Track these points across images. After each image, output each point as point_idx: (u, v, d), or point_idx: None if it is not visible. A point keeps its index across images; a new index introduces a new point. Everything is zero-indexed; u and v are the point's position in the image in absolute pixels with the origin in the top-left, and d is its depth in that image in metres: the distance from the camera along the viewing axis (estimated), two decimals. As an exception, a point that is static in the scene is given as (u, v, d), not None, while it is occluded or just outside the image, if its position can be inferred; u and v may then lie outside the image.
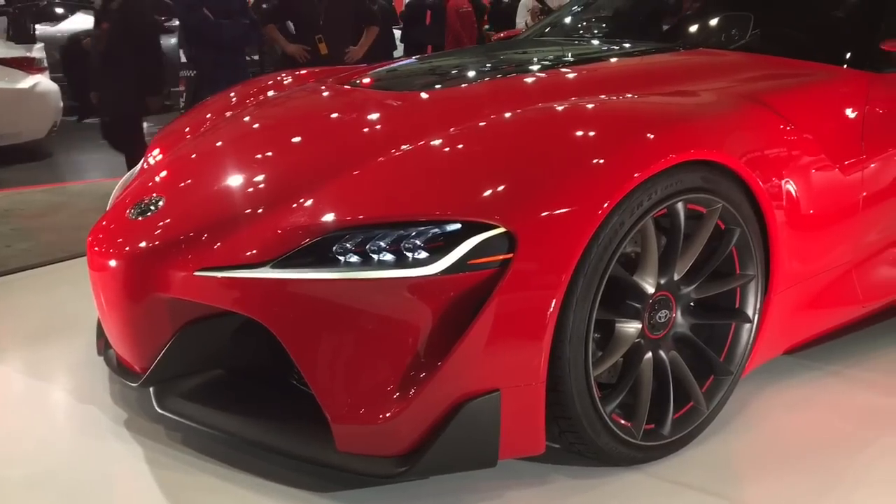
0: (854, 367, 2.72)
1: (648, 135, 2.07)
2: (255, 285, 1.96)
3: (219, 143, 2.65)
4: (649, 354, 2.14)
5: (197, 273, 2.02)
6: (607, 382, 2.15)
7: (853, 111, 2.59)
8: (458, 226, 1.88)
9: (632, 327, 2.11)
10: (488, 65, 3.16)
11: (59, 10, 10.38)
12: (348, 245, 1.92)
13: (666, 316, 2.16)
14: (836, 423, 2.42)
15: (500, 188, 1.95)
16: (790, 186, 2.28)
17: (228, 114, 2.97)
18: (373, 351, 1.91)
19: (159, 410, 2.17)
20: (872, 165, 2.56)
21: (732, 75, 2.64)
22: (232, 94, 3.24)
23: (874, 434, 2.35)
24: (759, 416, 2.43)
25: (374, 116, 2.59)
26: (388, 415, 1.87)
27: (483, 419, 1.90)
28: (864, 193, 2.53)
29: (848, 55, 2.77)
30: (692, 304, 2.25)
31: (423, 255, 1.87)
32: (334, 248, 1.93)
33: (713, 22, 3.30)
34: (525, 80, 2.79)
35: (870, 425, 2.40)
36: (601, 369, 2.07)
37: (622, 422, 2.10)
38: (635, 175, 1.95)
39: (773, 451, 2.28)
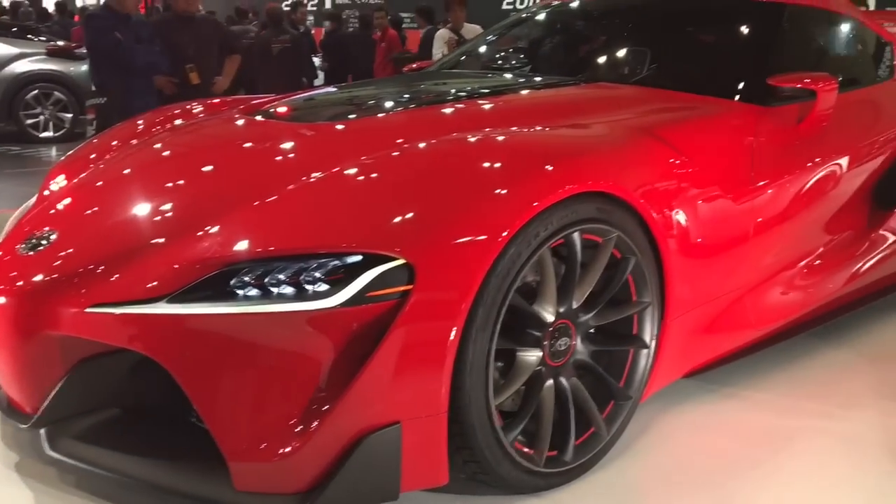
0: (750, 388, 2.82)
1: (547, 167, 2.12)
2: (150, 321, 1.91)
3: (121, 173, 2.59)
4: (550, 382, 2.18)
5: (89, 310, 1.97)
6: (510, 410, 2.18)
7: (743, 143, 2.71)
8: (359, 258, 1.89)
9: (532, 356, 2.14)
10: (403, 95, 3.19)
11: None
12: (246, 278, 1.90)
13: (566, 343, 2.21)
14: (733, 443, 2.50)
15: (401, 219, 1.96)
16: (682, 216, 2.36)
17: (134, 142, 2.92)
18: (272, 386, 1.88)
19: (50, 453, 2.09)
20: (762, 194, 2.67)
21: (628, 109, 2.74)
22: (139, 122, 3.19)
23: (767, 453, 2.44)
24: (659, 439, 2.50)
25: (283, 146, 2.57)
26: (287, 450, 1.85)
27: (384, 452, 1.89)
28: (755, 221, 2.65)
29: (738, 89, 2.91)
30: (591, 331, 2.30)
31: (323, 287, 1.87)
32: (232, 281, 1.90)
33: (612, 56, 3.42)
34: (435, 111, 2.83)
35: (763, 445, 2.49)
36: (502, 398, 2.10)
37: (524, 450, 2.12)
38: (533, 205, 2.00)
39: (674, 472, 2.34)
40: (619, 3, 3.80)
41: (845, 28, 3.61)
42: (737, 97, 2.88)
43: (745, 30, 3.26)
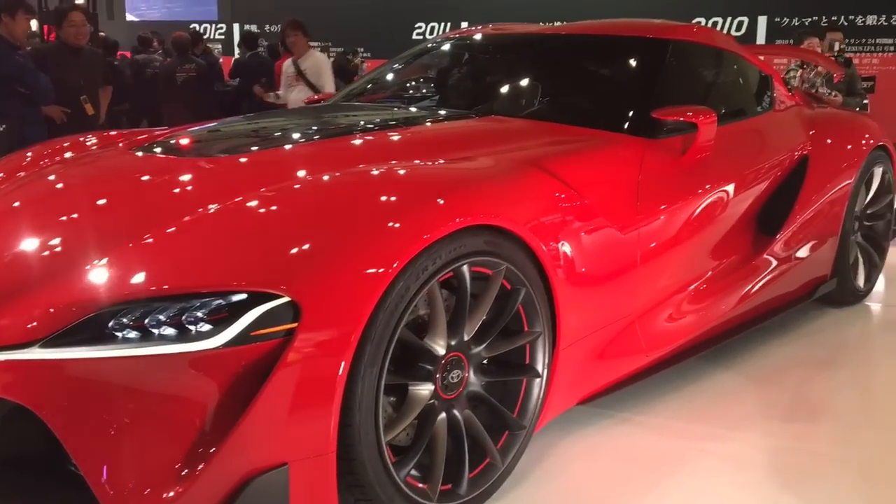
0: (642, 413, 2.89)
1: (438, 200, 2.14)
2: (21, 368, 1.83)
3: (5, 207, 2.49)
4: (443, 415, 2.18)
5: (-43, 356, 1.87)
6: (404, 444, 2.17)
7: (629, 174, 2.80)
8: (244, 296, 1.85)
9: (424, 389, 2.14)
10: (306, 128, 3.18)
11: None
12: (125, 320, 1.84)
13: (458, 376, 2.22)
14: (628, 469, 2.55)
15: (290, 255, 1.94)
16: (570, 247, 2.41)
17: (22, 174, 2.81)
18: (154, 430, 1.82)
19: (-84, 509, 1.97)
20: (648, 223, 2.76)
21: (519, 142, 2.80)
22: (28, 154, 3.08)
23: (659, 477, 2.50)
24: (555, 467, 2.53)
25: (178, 180, 2.52)
26: (171, 495, 1.79)
27: (271, 495, 1.85)
28: (642, 250, 2.73)
29: (625, 123, 3.01)
30: (484, 362, 2.32)
31: (206, 327, 1.82)
32: (111, 323, 1.84)
33: (506, 90, 3.50)
34: (333, 144, 2.83)
35: (655, 468, 2.55)
36: (394, 433, 2.09)
37: (418, 485, 2.11)
38: (422, 239, 2.01)
39: (570, 500, 2.37)
40: (513, 38, 3.90)
41: (728, 62, 3.79)
42: (624, 130, 2.98)
43: (631, 65, 3.39)
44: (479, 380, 2.29)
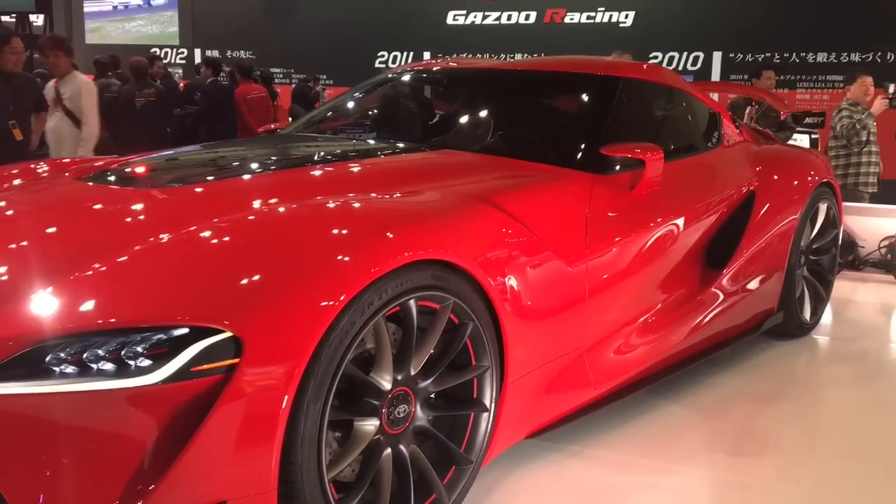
0: (590, 446, 2.90)
1: (387, 234, 2.14)
2: (-46, 403, 1.79)
3: None
4: (388, 450, 2.17)
5: None
6: (349, 480, 2.15)
7: (578, 209, 2.83)
8: (186, 330, 1.83)
9: (370, 425, 2.13)
10: (261, 158, 3.17)
11: None
12: (62, 354, 1.80)
13: (405, 411, 2.21)
14: (575, 503, 2.55)
15: (233, 289, 1.93)
16: (518, 281, 2.43)
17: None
18: (91, 467, 1.78)
19: None
20: (596, 259, 2.80)
21: (468, 176, 2.82)
22: (-26, 181, 3.02)
23: (605, 511, 2.51)
24: (503, 502, 2.52)
25: (129, 210, 2.48)
26: (108, 535, 1.75)
27: (211, 533, 1.82)
28: (590, 284, 2.76)
29: (574, 158, 3.05)
30: (432, 396, 2.31)
31: (146, 363, 1.80)
32: (48, 357, 1.81)
33: (459, 124, 3.53)
34: (288, 175, 2.83)
35: (604, 503, 2.55)
36: (339, 469, 2.07)
37: (362, 522, 2.09)
38: (368, 273, 2.01)
39: (515, 535, 2.37)
40: (469, 72, 3.95)
41: (677, 100, 3.87)
42: (573, 165, 3.02)
43: (583, 101, 3.44)
44: (426, 414, 2.29)
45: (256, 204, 2.43)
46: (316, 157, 3.09)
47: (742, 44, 11.25)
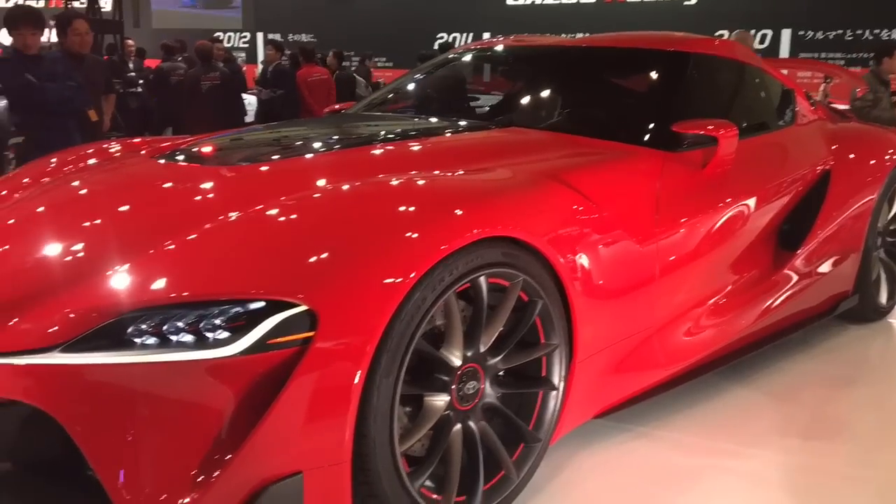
0: (661, 428, 2.87)
1: (456, 211, 2.14)
2: (41, 372, 1.85)
3: (28, 213, 2.52)
4: (458, 426, 2.18)
5: (-22, 360, 1.89)
6: (419, 455, 2.17)
7: (649, 187, 2.79)
8: (262, 304, 1.86)
9: (440, 400, 2.14)
10: (327, 137, 3.20)
11: None
12: (144, 326, 1.85)
13: (474, 387, 2.21)
14: (644, 484, 2.53)
15: (307, 264, 1.95)
16: (588, 260, 2.41)
17: (46, 180, 2.85)
18: (170, 436, 1.83)
19: (-64, 511, 1.99)
20: (667, 237, 2.75)
21: (537, 153, 2.80)
22: (52, 160, 3.12)
23: (674, 493, 2.48)
24: (570, 481, 2.51)
25: (199, 188, 2.54)
26: (186, 501, 1.80)
27: (286, 503, 1.86)
28: (660, 263, 2.71)
29: (645, 136, 3.00)
30: (500, 374, 2.31)
31: (224, 335, 1.84)
32: (130, 329, 1.86)
33: (525, 102, 3.50)
34: (353, 154, 2.84)
35: (671, 484, 2.53)
36: (409, 443, 2.09)
37: (432, 496, 2.11)
38: (438, 250, 2.01)
39: (583, 515, 2.36)
40: (535, 50, 3.90)
41: (749, 76, 3.77)
42: (643, 143, 2.97)
43: (652, 78, 3.38)
44: (494, 391, 2.29)
45: (325, 182, 2.45)
46: (381, 136, 3.10)
47: (812, 21, 10.90)
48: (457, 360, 2.16)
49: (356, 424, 1.90)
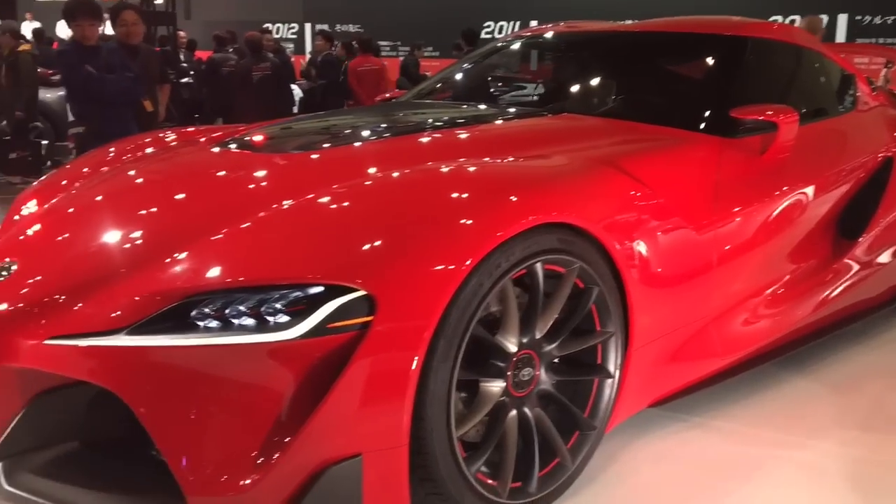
0: (715, 418, 2.83)
1: (511, 197, 2.14)
2: (109, 354, 1.90)
3: (89, 201, 2.59)
4: (514, 412, 2.18)
5: (48, 341, 1.95)
6: (474, 441, 2.18)
7: (706, 174, 2.75)
8: (321, 289, 1.89)
9: (496, 386, 2.14)
10: (376, 125, 3.22)
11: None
12: (207, 310, 1.89)
13: (529, 374, 2.21)
14: (700, 474, 2.50)
15: (365, 250, 1.97)
16: (645, 247, 2.38)
17: (105, 169, 2.92)
18: (232, 418, 1.87)
19: (8, 487, 2.06)
20: (725, 224, 2.71)
21: (592, 140, 2.77)
22: (111, 150, 3.19)
23: (732, 485, 2.45)
24: (625, 470, 2.50)
25: (253, 176, 2.57)
26: (247, 482, 1.83)
27: (345, 485, 1.88)
28: (718, 251, 2.67)
29: (702, 121, 2.95)
30: (555, 361, 2.30)
31: (284, 318, 1.86)
32: (193, 313, 1.89)
33: (579, 88, 3.47)
34: (404, 141, 2.85)
35: (727, 475, 2.50)
36: (465, 428, 2.10)
37: (488, 481, 2.12)
38: (495, 236, 2.01)
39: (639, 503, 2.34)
40: (587, 36, 3.86)
41: (809, 61, 3.69)
42: (700, 129, 2.93)
43: (709, 63, 3.32)
44: (550, 378, 2.28)
45: (378, 169, 2.45)
46: (431, 124, 3.10)
47: (870, 5, 10.60)
48: (512, 347, 2.16)
49: (413, 408, 1.91)
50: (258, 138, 3.04)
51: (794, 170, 3.06)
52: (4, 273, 2.17)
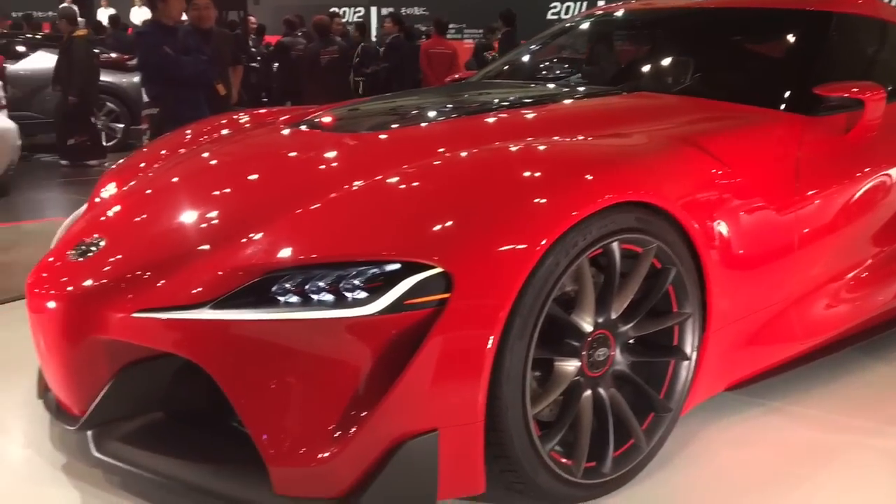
0: (795, 403, 2.77)
1: (587, 176, 2.12)
2: (194, 326, 1.95)
3: (168, 181, 2.65)
4: (588, 392, 2.17)
5: (135, 314, 2.02)
6: (548, 420, 2.17)
7: (787, 153, 2.67)
8: (398, 265, 1.90)
9: (570, 365, 2.13)
10: (446, 105, 3.22)
11: (21, 49, 10.33)
12: (287, 285, 1.92)
13: (605, 354, 2.19)
14: (776, 459, 2.45)
15: (441, 228, 1.97)
16: (724, 227, 2.33)
17: (182, 151, 2.99)
18: (311, 391, 1.91)
19: (97, 455, 2.14)
20: (807, 205, 2.63)
21: (670, 118, 2.72)
22: (187, 132, 3.26)
23: (810, 470, 2.40)
24: (700, 454, 2.46)
25: (326, 156, 2.61)
26: (326, 455, 1.87)
27: (421, 459, 1.90)
28: (800, 233, 2.60)
29: (783, 99, 2.87)
30: (631, 341, 2.28)
31: (362, 295, 1.89)
32: (274, 288, 1.93)
33: (655, 66, 3.40)
34: (477, 120, 2.84)
35: (805, 461, 2.44)
36: (540, 407, 2.09)
37: (562, 460, 2.11)
38: (571, 215, 1.99)
39: (715, 488, 2.31)
40: (662, 12, 3.78)
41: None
42: (781, 107, 2.84)
43: (791, 39, 3.22)
44: (625, 359, 2.26)
45: (448, 149, 2.43)
46: (509, 103, 3.08)
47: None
48: (588, 326, 2.14)
49: (489, 386, 1.92)
50: (328, 119, 3.07)
51: (881, 149, 2.96)
52: (94, 248, 2.25)
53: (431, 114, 3.06)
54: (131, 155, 3.26)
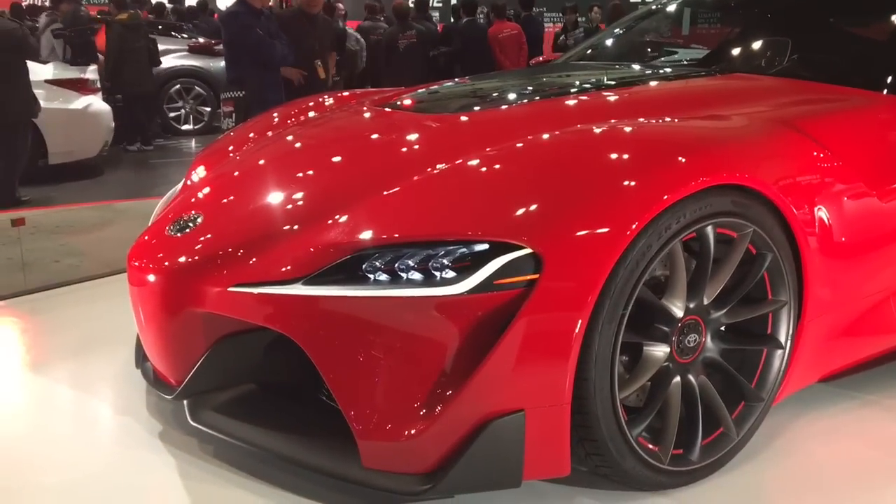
0: (890, 396, 2.66)
1: (680, 158, 2.07)
2: (287, 301, 2.00)
3: (259, 162, 2.71)
4: (678, 378, 2.13)
5: (231, 289, 2.07)
6: (635, 406, 2.15)
7: (891, 138, 2.56)
8: (486, 246, 1.90)
9: (660, 351, 2.10)
10: (527, 87, 3.20)
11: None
12: (377, 263, 1.95)
13: (695, 340, 2.15)
14: (871, 453, 2.37)
15: (529, 209, 1.96)
16: (824, 213, 2.25)
17: (270, 133, 3.05)
18: (400, 368, 1.93)
19: (192, 423, 2.22)
20: (912, 193, 2.52)
21: (767, 100, 2.64)
22: (274, 114, 3.33)
23: (909, 465, 2.31)
24: (791, 445, 2.40)
25: (410, 137, 2.63)
26: (413, 432, 1.89)
27: (507, 439, 1.90)
28: (902, 221, 2.49)
29: (887, 81, 2.75)
30: (723, 328, 2.23)
31: (451, 274, 1.89)
32: (364, 266, 1.96)
33: (750, 47, 3.30)
34: (561, 102, 2.82)
35: (906, 456, 2.35)
36: (628, 392, 2.07)
37: (649, 446, 2.08)
38: (664, 198, 1.95)
39: (805, 481, 2.24)
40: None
41: None
42: (885, 89, 2.72)
43: (894, 19, 3.08)
44: (716, 346, 2.21)
45: (533, 131, 2.41)
46: (594, 85, 3.04)
47: None
48: (679, 312, 2.10)
49: (577, 368, 1.91)
50: (409, 102, 3.09)
51: None
52: (191, 224, 2.32)
53: (512, 96, 3.04)
54: (220, 138, 3.34)
